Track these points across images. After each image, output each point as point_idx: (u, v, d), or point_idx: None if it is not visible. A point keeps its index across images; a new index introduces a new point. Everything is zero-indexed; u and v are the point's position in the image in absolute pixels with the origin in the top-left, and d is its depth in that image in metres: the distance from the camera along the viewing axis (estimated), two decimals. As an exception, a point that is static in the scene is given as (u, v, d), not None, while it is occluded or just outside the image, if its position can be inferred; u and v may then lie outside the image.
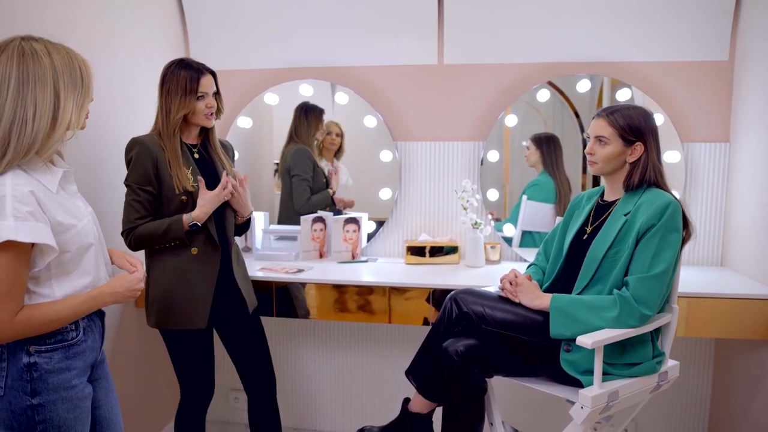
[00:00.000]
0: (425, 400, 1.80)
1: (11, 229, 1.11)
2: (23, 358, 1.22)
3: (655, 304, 1.60)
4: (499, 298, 1.78)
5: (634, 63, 2.36)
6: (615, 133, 1.67)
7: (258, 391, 2.03)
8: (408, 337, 2.59)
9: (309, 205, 2.60)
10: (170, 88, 1.78)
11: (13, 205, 1.12)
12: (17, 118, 1.16)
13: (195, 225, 1.76)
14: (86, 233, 1.28)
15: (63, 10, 1.92)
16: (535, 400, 2.42)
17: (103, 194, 2.09)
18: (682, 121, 2.35)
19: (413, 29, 2.47)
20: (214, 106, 1.84)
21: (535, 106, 2.49)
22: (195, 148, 1.89)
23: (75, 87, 1.23)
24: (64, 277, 1.25)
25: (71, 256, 1.25)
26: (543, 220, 2.52)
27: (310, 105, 2.62)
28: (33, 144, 1.18)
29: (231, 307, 1.93)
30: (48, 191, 1.21)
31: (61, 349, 1.26)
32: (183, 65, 1.80)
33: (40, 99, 1.17)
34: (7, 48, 1.18)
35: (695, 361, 2.40)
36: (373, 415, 2.65)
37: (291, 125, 2.62)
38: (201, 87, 1.79)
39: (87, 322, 1.33)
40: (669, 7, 2.26)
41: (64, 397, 1.25)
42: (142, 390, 2.41)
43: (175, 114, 1.78)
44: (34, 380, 1.22)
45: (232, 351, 2.02)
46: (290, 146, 2.63)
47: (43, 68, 1.18)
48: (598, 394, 1.55)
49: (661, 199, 1.62)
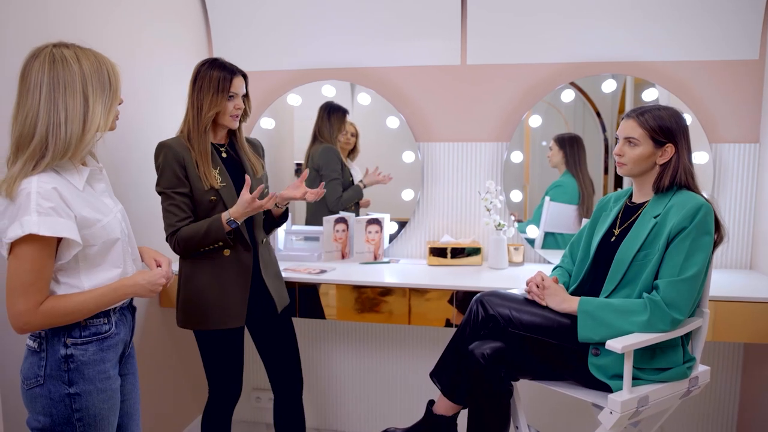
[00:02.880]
0: (450, 402, 1.79)
1: (34, 224, 1.16)
2: (60, 350, 1.27)
3: (686, 308, 1.57)
4: (526, 300, 1.76)
5: (660, 62, 2.32)
6: (645, 135, 1.65)
7: (285, 390, 2.04)
8: (432, 338, 2.58)
9: (342, 202, 2.60)
10: (202, 85, 1.78)
11: (37, 201, 1.17)
12: (52, 122, 1.21)
13: (234, 223, 1.74)
14: (112, 228, 1.32)
15: (86, 14, 1.94)
16: (560, 404, 2.40)
17: (127, 194, 2.11)
18: (711, 122, 2.31)
19: (436, 30, 2.46)
20: (241, 108, 1.85)
21: (556, 106, 2.46)
22: (222, 148, 1.89)
23: (103, 91, 1.27)
24: (91, 270, 1.30)
25: (97, 249, 1.29)
26: (566, 222, 2.49)
27: (334, 105, 2.62)
28: (69, 146, 1.23)
29: (261, 306, 1.94)
30: (74, 188, 1.26)
31: (96, 341, 1.31)
32: (216, 65, 1.81)
33: (70, 104, 1.22)
34: (40, 55, 1.23)
35: (723, 366, 2.36)
36: (397, 417, 2.64)
37: (315, 125, 2.63)
38: (233, 87, 1.80)
39: (119, 315, 1.38)
40: (697, 4, 2.22)
41: (99, 388, 1.30)
42: (165, 390, 2.43)
43: (206, 112, 1.78)
44: (71, 371, 1.27)
45: (262, 349, 2.03)
46: (316, 146, 2.63)
47: (73, 74, 1.23)
48: (628, 399, 1.53)
49: (693, 202, 1.59)
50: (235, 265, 1.83)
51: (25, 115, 1.21)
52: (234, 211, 1.73)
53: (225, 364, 1.90)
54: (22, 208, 1.17)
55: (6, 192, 1.19)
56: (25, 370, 1.29)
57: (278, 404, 2.06)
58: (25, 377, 1.28)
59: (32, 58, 1.23)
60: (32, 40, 1.29)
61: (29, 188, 1.18)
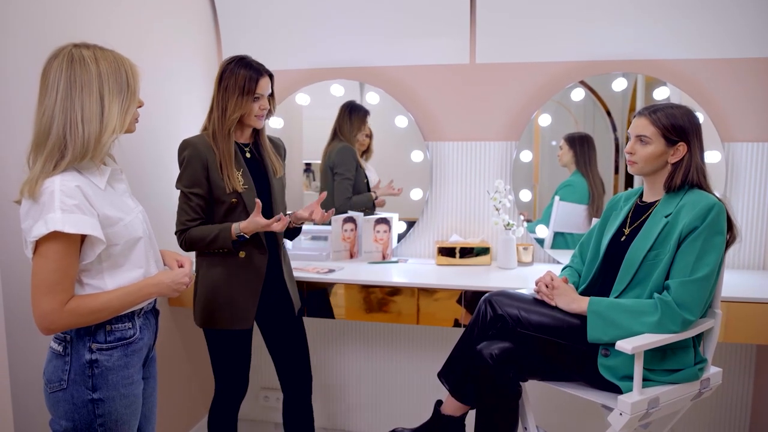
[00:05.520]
0: (458, 402, 1.78)
1: (58, 221, 1.16)
2: (85, 355, 1.27)
3: (697, 308, 1.56)
4: (535, 300, 1.75)
5: (671, 60, 2.30)
6: (657, 133, 1.63)
7: (295, 390, 2.05)
8: (440, 338, 2.57)
9: (350, 204, 2.59)
10: (228, 85, 1.76)
11: (61, 199, 1.17)
12: (69, 120, 1.21)
13: (243, 237, 1.75)
14: (134, 227, 1.32)
15: (93, 13, 1.94)
16: (569, 405, 2.38)
17: (143, 195, 2.11)
18: (723, 120, 2.28)
19: (445, 29, 2.45)
20: (266, 109, 1.84)
21: (566, 105, 2.44)
22: (247, 147, 1.89)
23: (120, 92, 1.27)
24: (115, 270, 1.29)
25: (120, 249, 1.29)
26: (575, 222, 2.47)
27: (356, 105, 2.61)
28: (88, 146, 1.23)
29: (278, 307, 1.96)
30: (96, 188, 1.26)
31: (121, 347, 1.31)
32: (243, 64, 1.78)
33: (87, 103, 1.22)
34: (59, 54, 1.24)
35: (735, 368, 2.33)
36: (404, 417, 2.63)
37: (335, 123, 2.62)
38: (259, 89, 1.78)
39: (143, 320, 1.38)
40: (708, 2, 2.19)
41: (123, 393, 1.30)
42: (174, 388, 2.44)
43: (231, 113, 1.76)
44: (95, 376, 1.27)
45: (274, 350, 2.04)
46: (334, 144, 2.62)
47: (90, 74, 1.23)
48: (638, 401, 1.51)
49: (705, 201, 1.57)
50: (248, 268, 1.84)
51: (42, 114, 1.22)
52: (245, 227, 1.74)
53: (232, 363, 1.91)
54: (46, 206, 1.17)
55: (29, 192, 1.19)
56: (49, 373, 1.28)
57: (288, 404, 2.07)
58: (48, 380, 1.28)
59: (52, 58, 1.24)
60: (37, 39, 1.29)
61: (52, 187, 1.18)
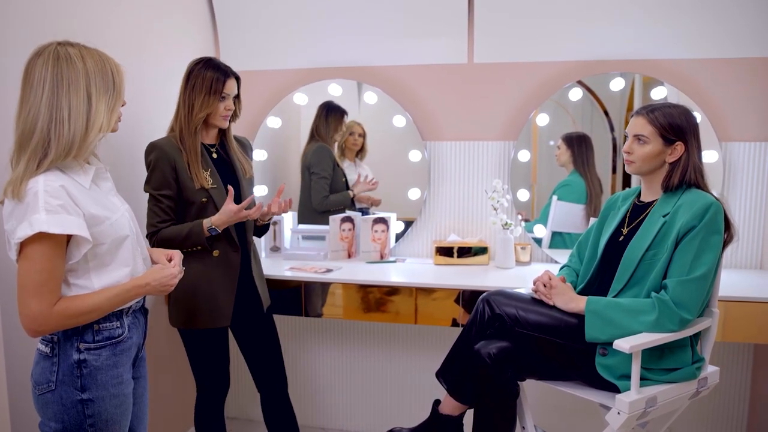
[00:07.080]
0: (456, 402, 1.78)
1: (43, 222, 1.14)
2: (73, 355, 1.25)
3: (695, 308, 1.56)
4: (533, 300, 1.75)
5: (669, 60, 2.30)
6: (655, 132, 1.63)
7: (270, 387, 2.06)
8: (438, 337, 2.57)
9: (326, 204, 2.60)
10: (195, 84, 1.80)
11: (45, 199, 1.16)
12: (54, 118, 1.19)
13: (214, 230, 1.77)
14: (121, 226, 1.31)
15: (91, 13, 1.94)
16: (567, 404, 2.38)
17: (133, 194, 2.10)
18: (720, 120, 2.28)
19: (443, 28, 2.45)
20: (232, 109, 1.87)
21: (564, 104, 2.44)
22: (213, 148, 1.91)
23: (107, 90, 1.26)
24: (102, 269, 1.28)
25: (107, 248, 1.28)
26: (573, 221, 2.47)
27: (333, 105, 2.62)
28: (72, 145, 1.21)
29: (248, 305, 1.96)
30: (81, 187, 1.25)
31: (109, 346, 1.29)
32: (210, 65, 1.82)
33: (74, 101, 1.21)
34: (44, 52, 1.22)
35: (733, 367, 2.34)
36: (402, 416, 2.63)
37: (312, 123, 2.63)
38: (225, 89, 1.82)
39: (132, 319, 1.36)
40: (706, 1, 2.19)
41: (113, 393, 1.29)
42: (167, 389, 2.43)
43: (198, 112, 1.80)
44: (84, 376, 1.25)
45: (246, 348, 2.05)
46: (311, 144, 2.64)
47: (77, 72, 1.21)
48: (636, 400, 1.52)
49: (703, 200, 1.57)
50: (223, 266, 1.85)
51: (27, 112, 1.20)
52: (216, 220, 1.76)
53: (212, 361, 1.92)
54: (30, 207, 1.15)
55: (12, 193, 1.17)
56: (37, 375, 1.27)
57: (265, 402, 2.07)
58: (36, 382, 1.26)
59: (36, 56, 1.22)
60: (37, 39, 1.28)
61: (36, 187, 1.16)
